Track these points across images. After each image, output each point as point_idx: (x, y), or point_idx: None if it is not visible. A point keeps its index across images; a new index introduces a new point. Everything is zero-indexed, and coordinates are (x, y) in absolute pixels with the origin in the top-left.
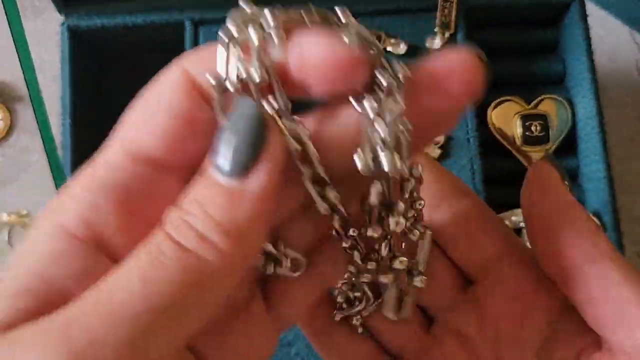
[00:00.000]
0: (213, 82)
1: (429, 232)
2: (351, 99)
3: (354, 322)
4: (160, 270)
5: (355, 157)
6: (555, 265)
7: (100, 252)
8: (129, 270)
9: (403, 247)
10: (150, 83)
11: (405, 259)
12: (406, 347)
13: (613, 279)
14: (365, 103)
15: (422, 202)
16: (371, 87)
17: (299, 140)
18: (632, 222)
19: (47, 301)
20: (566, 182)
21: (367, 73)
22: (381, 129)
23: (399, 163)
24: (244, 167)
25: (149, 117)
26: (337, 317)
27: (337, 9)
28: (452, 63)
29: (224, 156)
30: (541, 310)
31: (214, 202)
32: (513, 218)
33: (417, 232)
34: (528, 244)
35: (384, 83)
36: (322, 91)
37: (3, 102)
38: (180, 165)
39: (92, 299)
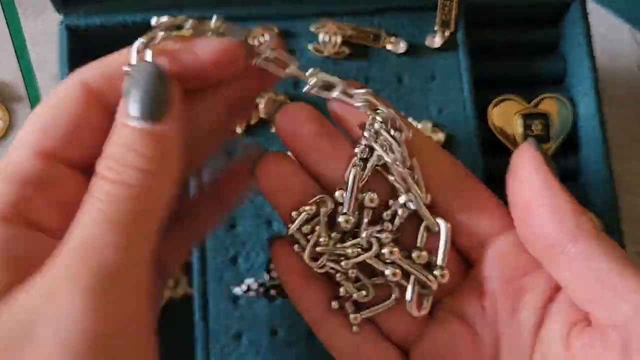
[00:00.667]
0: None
1: (445, 225)
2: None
3: (352, 320)
4: (116, 202)
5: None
6: (539, 246)
7: (25, 228)
8: (95, 212)
9: (420, 241)
10: (51, 91)
11: (425, 253)
12: (410, 333)
13: (596, 256)
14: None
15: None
16: None
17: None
18: (632, 222)
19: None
20: (551, 166)
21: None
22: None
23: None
24: (152, 112)
25: (49, 119)
26: (358, 320)
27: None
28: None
29: (133, 105)
30: (539, 290)
31: (136, 142)
32: None
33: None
34: None
35: None
36: (213, 75)
37: (2, 101)
38: (77, 158)
39: (78, 235)
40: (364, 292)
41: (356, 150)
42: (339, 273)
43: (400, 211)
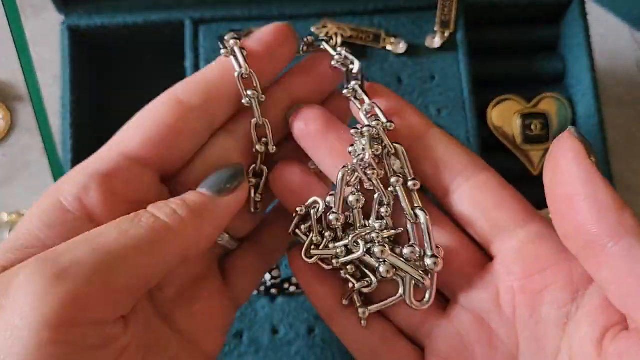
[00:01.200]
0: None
1: (424, 216)
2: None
3: (360, 314)
4: (135, 227)
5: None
6: (577, 241)
7: (90, 222)
8: (110, 224)
9: (412, 235)
10: (150, 104)
11: (415, 248)
12: (421, 328)
13: (639, 256)
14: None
15: (417, 182)
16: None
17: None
18: None
19: None
20: (592, 157)
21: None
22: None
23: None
24: (220, 189)
25: (137, 126)
26: (366, 315)
27: None
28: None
29: (209, 181)
30: (560, 286)
31: (189, 197)
32: None
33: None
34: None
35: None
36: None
37: (3, 101)
38: (157, 162)
39: (77, 239)
40: (365, 282)
41: (349, 149)
42: (341, 270)
43: (383, 210)
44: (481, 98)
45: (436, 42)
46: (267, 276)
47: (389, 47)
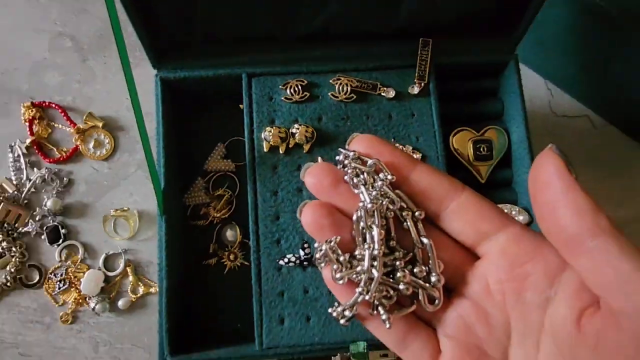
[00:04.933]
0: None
1: (428, 242)
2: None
3: (383, 317)
4: None
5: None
6: (559, 238)
7: None
8: None
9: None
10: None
11: (423, 268)
12: (434, 315)
13: (613, 251)
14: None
15: (422, 213)
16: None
17: None
18: None
19: None
20: (571, 169)
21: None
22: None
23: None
24: None
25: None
26: (391, 320)
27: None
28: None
29: None
30: (539, 275)
31: None
32: None
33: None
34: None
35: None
36: None
37: (109, 130)
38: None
39: None
40: (388, 297)
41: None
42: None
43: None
44: (446, 129)
45: (415, 90)
46: (301, 252)
47: (383, 94)
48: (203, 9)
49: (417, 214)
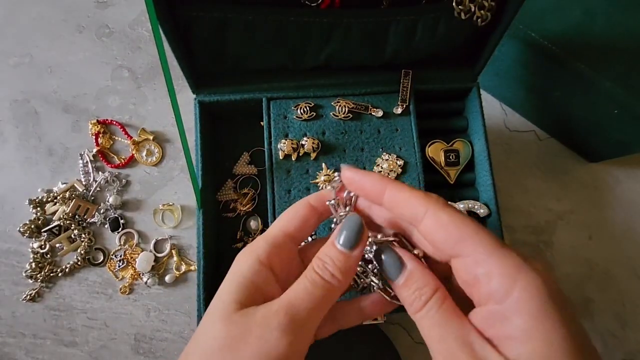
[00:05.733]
0: (331, 202)
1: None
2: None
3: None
4: (315, 287)
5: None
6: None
7: (269, 270)
8: (303, 286)
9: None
10: (294, 205)
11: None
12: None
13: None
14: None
15: (420, 251)
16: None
17: None
18: (505, 211)
19: (253, 296)
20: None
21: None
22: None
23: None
24: (351, 246)
25: (291, 215)
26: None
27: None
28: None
29: (343, 239)
30: (497, 273)
31: (338, 258)
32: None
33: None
34: None
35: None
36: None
37: (158, 142)
38: (299, 238)
39: (290, 294)
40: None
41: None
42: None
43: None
44: (422, 141)
45: (399, 110)
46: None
47: (373, 113)
48: (233, 48)
49: (416, 251)
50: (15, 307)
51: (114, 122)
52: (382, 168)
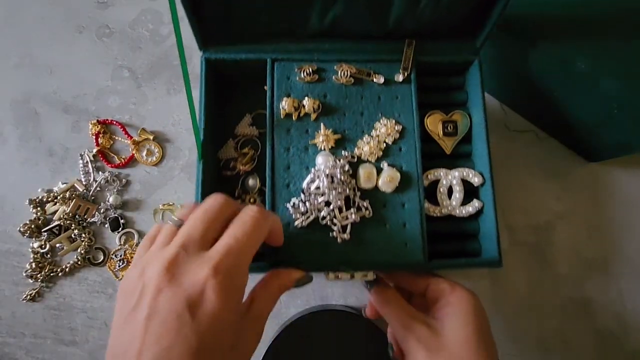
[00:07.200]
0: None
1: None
2: None
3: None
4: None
5: None
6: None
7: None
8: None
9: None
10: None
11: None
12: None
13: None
14: None
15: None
16: None
17: None
18: (505, 210)
19: None
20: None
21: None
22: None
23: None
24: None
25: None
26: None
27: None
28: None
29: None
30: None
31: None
32: (432, 175)
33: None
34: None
35: None
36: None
37: (158, 142)
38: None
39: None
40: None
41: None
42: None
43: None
44: (422, 112)
45: (400, 78)
46: (302, 196)
47: (374, 80)
48: (239, 8)
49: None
50: (16, 307)
51: (114, 122)
52: (380, 132)
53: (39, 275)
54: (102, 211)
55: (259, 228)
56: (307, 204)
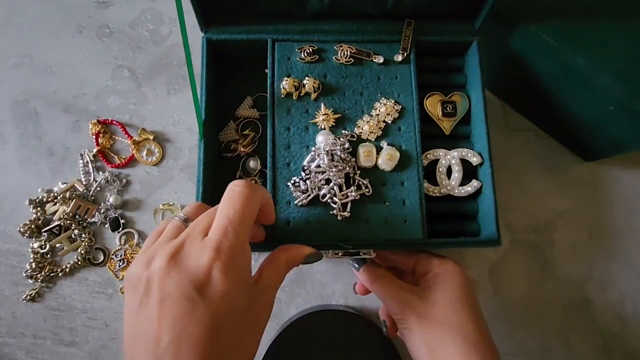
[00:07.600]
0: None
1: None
2: None
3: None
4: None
5: None
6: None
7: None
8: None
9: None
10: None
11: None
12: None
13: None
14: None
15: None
16: None
17: None
18: (506, 210)
19: None
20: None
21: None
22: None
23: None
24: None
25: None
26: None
27: None
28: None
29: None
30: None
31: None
32: (432, 155)
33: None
34: (447, 188)
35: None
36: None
37: (158, 142)
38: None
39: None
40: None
41: None
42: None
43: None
44: (421, 93)
45: (399, 58)
46: (302, 174)
47: (374, 60)
48: None
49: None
50: (16, 307)
51: (114, 122)
52: (379, 112)
53: (39, 276)
54: (102, 211)
55: (250, 202)
56: (308, 182)
